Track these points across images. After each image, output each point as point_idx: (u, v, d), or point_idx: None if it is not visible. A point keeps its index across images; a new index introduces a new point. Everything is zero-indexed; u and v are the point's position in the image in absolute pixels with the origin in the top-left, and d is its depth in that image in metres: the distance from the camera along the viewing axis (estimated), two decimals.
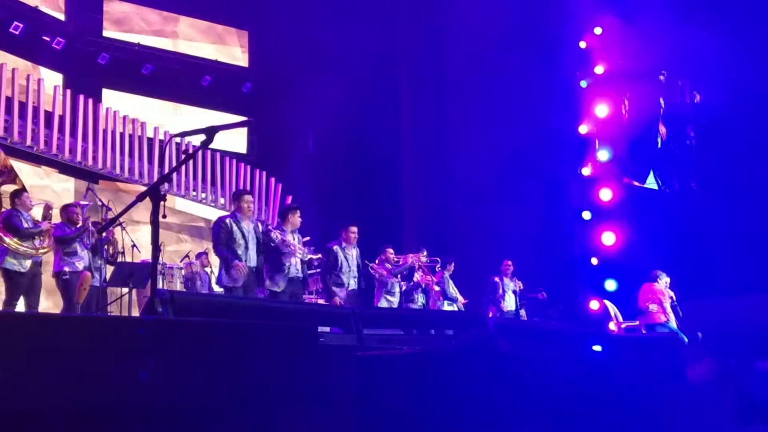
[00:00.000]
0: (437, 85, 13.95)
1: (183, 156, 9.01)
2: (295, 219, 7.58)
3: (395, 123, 14.08)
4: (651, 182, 13.96)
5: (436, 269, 10.13)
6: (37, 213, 7.81)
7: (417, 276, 9.63)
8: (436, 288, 10.11)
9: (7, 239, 7.16)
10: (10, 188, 7.57)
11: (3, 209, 7.37)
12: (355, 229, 8.27)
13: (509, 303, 10.58)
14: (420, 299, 9.87)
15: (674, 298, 9.92)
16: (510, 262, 10.77)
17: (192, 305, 3.98)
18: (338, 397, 3.13)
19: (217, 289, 8.42)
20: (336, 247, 8.10)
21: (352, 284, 8.08)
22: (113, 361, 2.40)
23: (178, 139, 11.35)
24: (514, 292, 10.60)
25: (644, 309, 9.90)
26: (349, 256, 8.10)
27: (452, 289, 10.38)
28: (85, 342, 2.36)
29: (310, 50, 13.13)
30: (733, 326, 9.98)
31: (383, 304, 9.03)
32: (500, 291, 10.66)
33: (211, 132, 3.72)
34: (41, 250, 7.45)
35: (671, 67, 13.63)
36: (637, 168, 13.79)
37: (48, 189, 11.12)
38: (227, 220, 7.06)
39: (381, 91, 13.49)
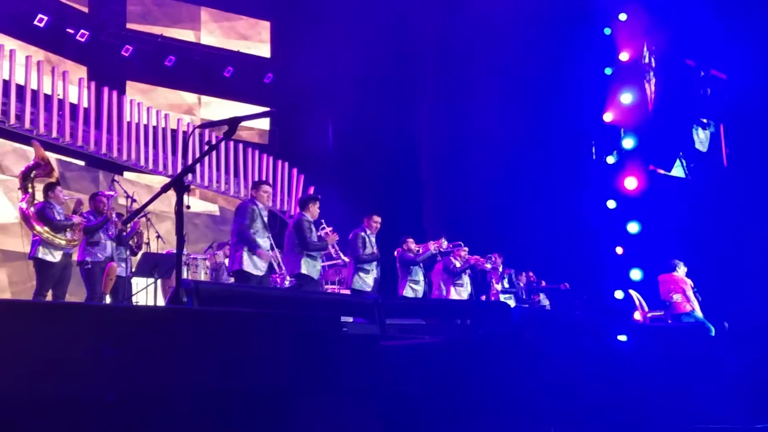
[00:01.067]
0: (458, 74, 13.87)
1: (206, 147, 9.05)
2: (315, 209, 7.60)
3: (415, 112, 14.04)
4: (677, 170, 13.81)
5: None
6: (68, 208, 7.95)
7: (463, 255, 9.81)
8: (488, 266, 10.20)
9: (38, 228, 7.32)
10: (44, 181, 7.71)
11: (37, 201, 7.51)
12: (378, 218, 8.31)
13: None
14: (466, 281, 9.94)
15: (693, 286, 9.82)
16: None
17: (217, 295, 3.99)
18: (361, 387, 3.14)
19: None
20: (362, 234, 8.16)
21: (376, 272, 8.14)
22: (138, 350, 2.42)
23: (200, 131, 11.43)
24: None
25: (667, 300, 9.80)
26: (374, 244, 8.19)
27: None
28: (111, 331, 2.39)
29: (331, 40, 13.13)
30: (760, 315, 9.87)
31: (408, 293, 9.04)
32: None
33: (233, 123, 3.73)
34: (72, 243, 7.58)
35: (696, 52, 13.44)
36: (662, 156, 13.65)
37: (72, 180, 11.24)
38: (253, 206, 7.07)
39: (402, 80, 13.45)
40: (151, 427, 2.38)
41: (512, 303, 10.58)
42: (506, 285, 11.38)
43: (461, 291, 9.97)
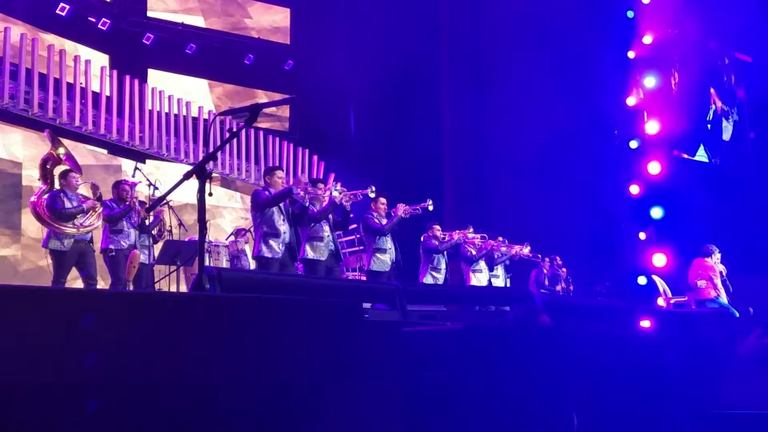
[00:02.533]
0: (479, 59, 13.78)
1: (228, 134, 9.07)
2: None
3: (437, 98, 13.96)
4: (701, 155, 13.65)
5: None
6: (84, 192, 8.02)
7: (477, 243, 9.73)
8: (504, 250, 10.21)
9: (48, 221, 7.39)
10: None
11: (51, 189, 7.59)
12: (384, 200, 8.31)
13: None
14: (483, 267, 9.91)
15: (724, 272, 9.71)
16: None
17: (239, 282, 4.02)
18: (382, 373, 3.14)
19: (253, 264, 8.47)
20: (369, 216, 8.17)
21: (394, 253, 8.13)
22: (161, 337, 2.44)
23: (222, 118, 11.46)
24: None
25: (693, 285, 9.72)
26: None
27: None
28: (136, 317, 2.41)
29: (351, 26, 13.08)
30: None
31: (428, 280, 9.04)
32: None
33: (254, 110, 3.73)
34: (83, 230, 7.60)
35: (720, 35, 13.24)
36: (686, 140, 13.49)
37: (94, 168, 11.33)
38: (267, 193, 7.10)
39: (422, 68, 13.37)
40: (173, 413, 2.40)
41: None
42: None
43: (480, 277, 9.93)
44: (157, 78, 12.61)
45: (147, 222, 8.47)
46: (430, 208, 8.50)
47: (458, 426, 3.31)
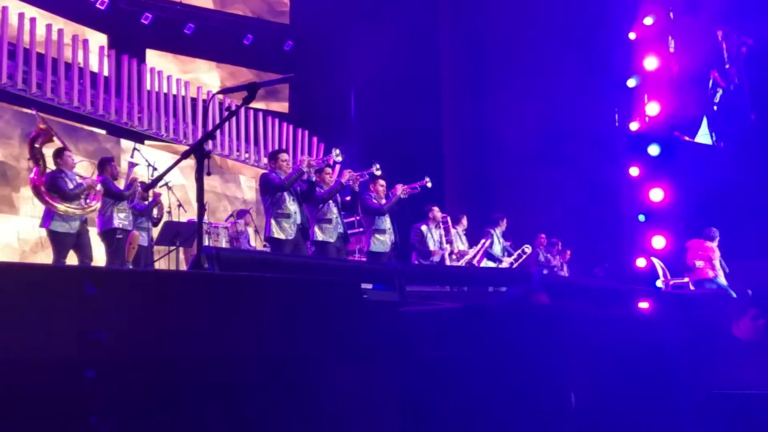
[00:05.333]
0: (481, 40, 13.70)
1: (226, 114, 9.03)
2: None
3: (438, 80, 13.90)
4: (702, 136, 13.62)
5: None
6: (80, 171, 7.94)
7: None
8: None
9: (55, 204, 7.21)
10: (51, 148, 7.59)
11: (48, 170, 7.40)
12: (383, 182, 8.29)
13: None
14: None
15: (720, 256, 9.76)
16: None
17: (237, 262, 4.02)
18: (381, 352, 3.15)
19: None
20: (367, 197, 8.16)
21: (393, 235, 8.12)
22: (163, 314, 2.45)
23: (220, 97, 11.41)
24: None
25: (691, 266, 9.75)
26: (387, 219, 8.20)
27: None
28: (135, 294, 2.41)
29: (351, 7, 12.99)
30: None
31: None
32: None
33: (253, 88, 3.71)
34: (88, 209, 7.51)
35: (722, 16, 13.15)
36: (687, 122, 13.45)
37: (92, 149, 11.30)
38: (273, 176, 7.12)
39: (423, 50, 13.30)
40: (173, 392, 2.41)
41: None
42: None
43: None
44: (155, 58, 12.54)
45: (146, 202, 8.45)
46: (429, 185, 8.46)
47: (456, 405, 3.33)
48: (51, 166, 7.51)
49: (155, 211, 8.67)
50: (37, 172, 7.34)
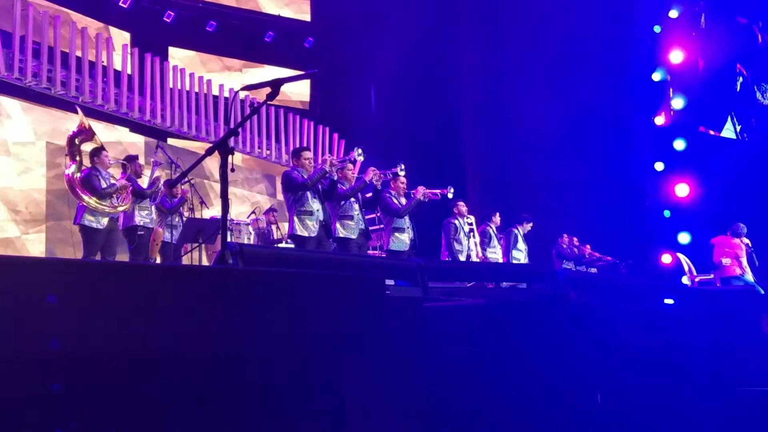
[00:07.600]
0: (500, 33, 13.61)
1: (249, 110, 9.04)
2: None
3: (459, 76, 13.84)
4: (728, 131, 13.43)
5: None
6: (115, 172, 8.04)
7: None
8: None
9: (86, 197, 7.38)
10: (89, 146, 7.77)
11: (84, 167, 7.58)
12: (404, 180, 8.23)
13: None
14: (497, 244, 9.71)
15: (750, 244, 9.60)
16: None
17: (261, 258, 4.01)
18: (404, 348, 3.13)
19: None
20: (387, 195, 8.11)
21: (412, 232, 8.07)
22: (186, 310, 2.44)
23: (243, 94, 11.44)
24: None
25: (718, 263, 9.62)
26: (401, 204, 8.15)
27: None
28: (161, 289, 2.41)
29: (372, 5, 12.96)
30: None
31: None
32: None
33: (276, 85, 3.71)
34: (119, 208, 7.63)
35: (748, 8, 12.96)
36: (712, 116, 13.27)
37: (118, 146, 11.38)
38: (296, 173, 7.12)
39: (443, 44, 13.24)
40: (198, 386, 2.41)
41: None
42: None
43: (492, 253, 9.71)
44: (178, 56, 12.59)
45: (170, 200, 8.50)
46: (450, 195, 8.39)
47: (479, 402, 3.30)
48: (86, 163, 7.68)
49: (185, 210, 8.68)
50: (73, 167, 7.53)
